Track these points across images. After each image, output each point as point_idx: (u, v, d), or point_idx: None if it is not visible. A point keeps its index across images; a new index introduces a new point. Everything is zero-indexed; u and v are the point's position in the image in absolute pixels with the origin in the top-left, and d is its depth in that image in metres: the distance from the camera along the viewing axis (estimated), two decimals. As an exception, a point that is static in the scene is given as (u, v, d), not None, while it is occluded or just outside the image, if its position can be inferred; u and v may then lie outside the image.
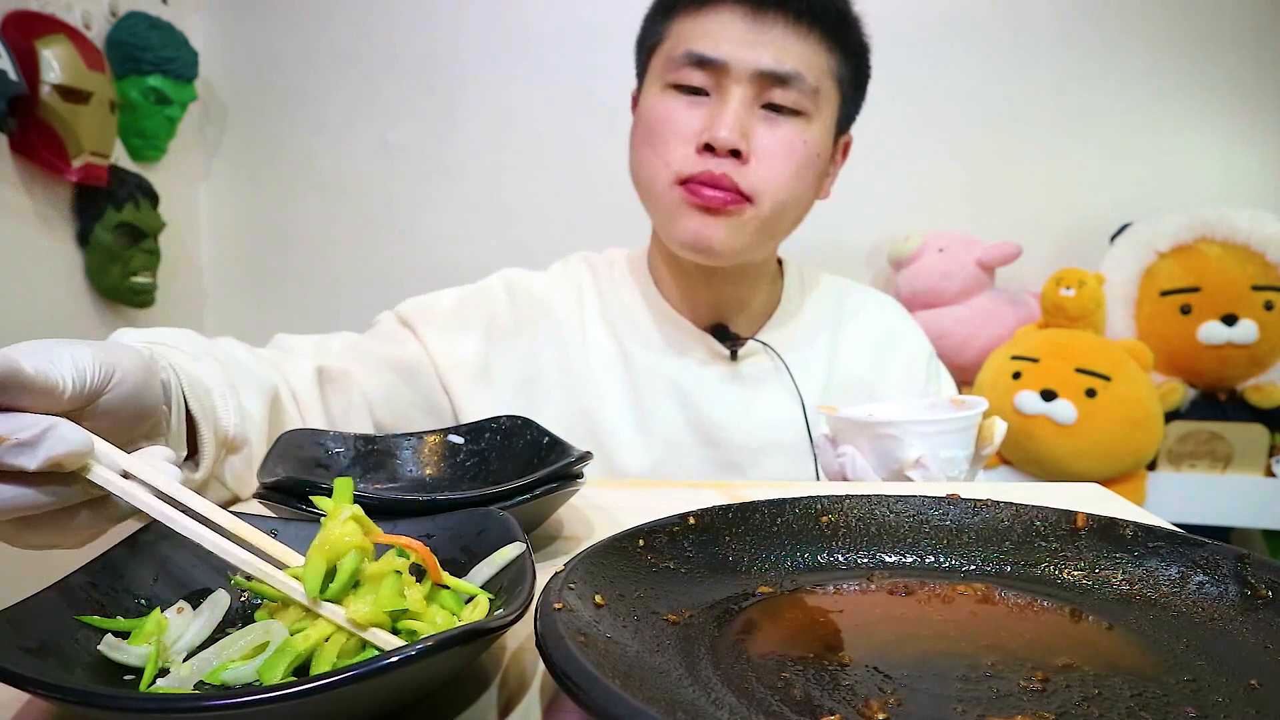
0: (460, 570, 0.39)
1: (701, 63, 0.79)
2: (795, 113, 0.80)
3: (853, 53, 0.84)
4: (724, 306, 0.90)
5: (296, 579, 0.34)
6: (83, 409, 0.38)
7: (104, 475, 0.36)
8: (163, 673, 0.33)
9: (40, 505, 0.35)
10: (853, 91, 0.86)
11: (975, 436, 0.68)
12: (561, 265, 0.97)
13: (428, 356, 0.86)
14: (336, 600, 0.34)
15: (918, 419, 0.66)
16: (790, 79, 0.78)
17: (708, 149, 0.78)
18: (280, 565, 0.36)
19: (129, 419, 0.41)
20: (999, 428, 0.68)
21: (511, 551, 0.38)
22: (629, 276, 0.93)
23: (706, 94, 0.80)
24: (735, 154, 0.78)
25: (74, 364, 0.37)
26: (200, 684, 0.32)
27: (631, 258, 0.95)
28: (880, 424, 0.66)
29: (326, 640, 0.33)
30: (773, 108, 0.80)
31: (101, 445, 0.37)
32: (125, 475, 0.37)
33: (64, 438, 0.34)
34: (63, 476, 0.35)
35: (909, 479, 0.67)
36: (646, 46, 0.86)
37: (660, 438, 0.87)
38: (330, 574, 0.34)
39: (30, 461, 0.33)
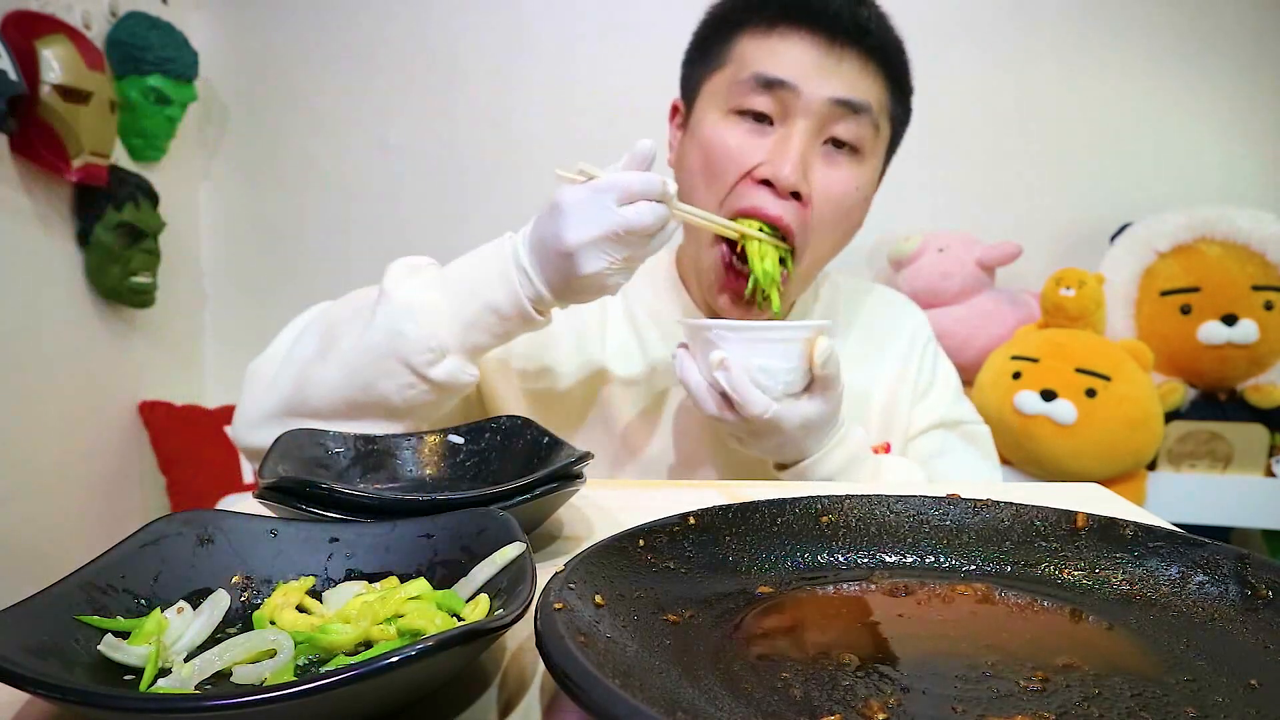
0: (460, 570, 0.39)
1: (770, 85, 0.77)
2: (854, 150, 0.79)
3: (905, 94, 0.84)
4: None
5: None
6: None
7: (673, 205, 0.68)
8: (163, 673, 0.33)
9: (662, 219, 0.66)
10: (900, 130, 0.87)
11: (801, 352, 0.69)
12: None
13: None
14: None
15: (733, 323, 0.70)
16: (862, 109, 0.77)
17: (766, 184, 0.77)
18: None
19: None
20: (821, 344, 0.69)
21: (511, 551, 0.38)
22: (653, 272, 0.95)
23: (770, 122, 0.78)
24: (794, 195, 0.77)
25: None
26: (201, 684, 0.32)
27: (659, 255, 0.96)
28: (704, 326, 0.70)
29: None
30: (834, 143, 0.79)
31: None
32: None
33: (669, 182, 0.67)
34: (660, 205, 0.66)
35: (720, 385, 0.69)
36: (704, 66, 0.84)
37: (671, 426, 0.88)
38: None
39: (668, 187, 0.66)
